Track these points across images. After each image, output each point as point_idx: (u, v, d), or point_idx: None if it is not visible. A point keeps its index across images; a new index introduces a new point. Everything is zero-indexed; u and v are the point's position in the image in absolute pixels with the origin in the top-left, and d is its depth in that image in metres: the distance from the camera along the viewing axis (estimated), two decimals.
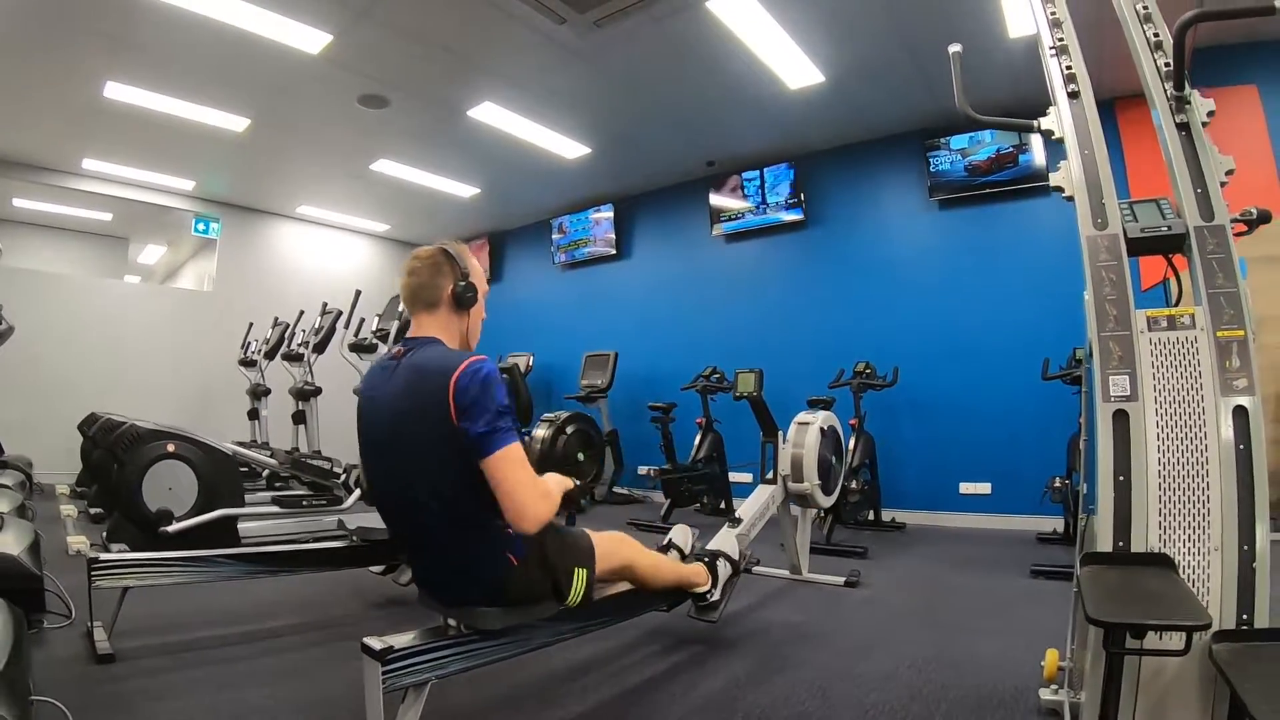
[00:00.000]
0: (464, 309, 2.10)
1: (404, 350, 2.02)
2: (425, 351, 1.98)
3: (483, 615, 2.01)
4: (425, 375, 1.90)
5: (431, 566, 2.09)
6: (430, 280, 2.05)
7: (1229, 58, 4.95)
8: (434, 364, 1.91)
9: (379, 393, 2.03)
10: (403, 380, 1.94)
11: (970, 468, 6.16)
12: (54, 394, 7.44)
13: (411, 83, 5.78)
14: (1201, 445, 1.61)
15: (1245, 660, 1.36)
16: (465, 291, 2.07)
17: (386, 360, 2.08)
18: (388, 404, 1.97)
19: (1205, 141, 1.86)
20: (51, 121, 6.48)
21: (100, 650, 2.71)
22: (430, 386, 1.86)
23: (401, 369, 1.97)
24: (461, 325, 2.11)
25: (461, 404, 1.82)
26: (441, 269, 2.06)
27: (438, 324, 2.06)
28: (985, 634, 3.20)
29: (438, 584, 2.08)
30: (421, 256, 2.09)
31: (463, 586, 2.01)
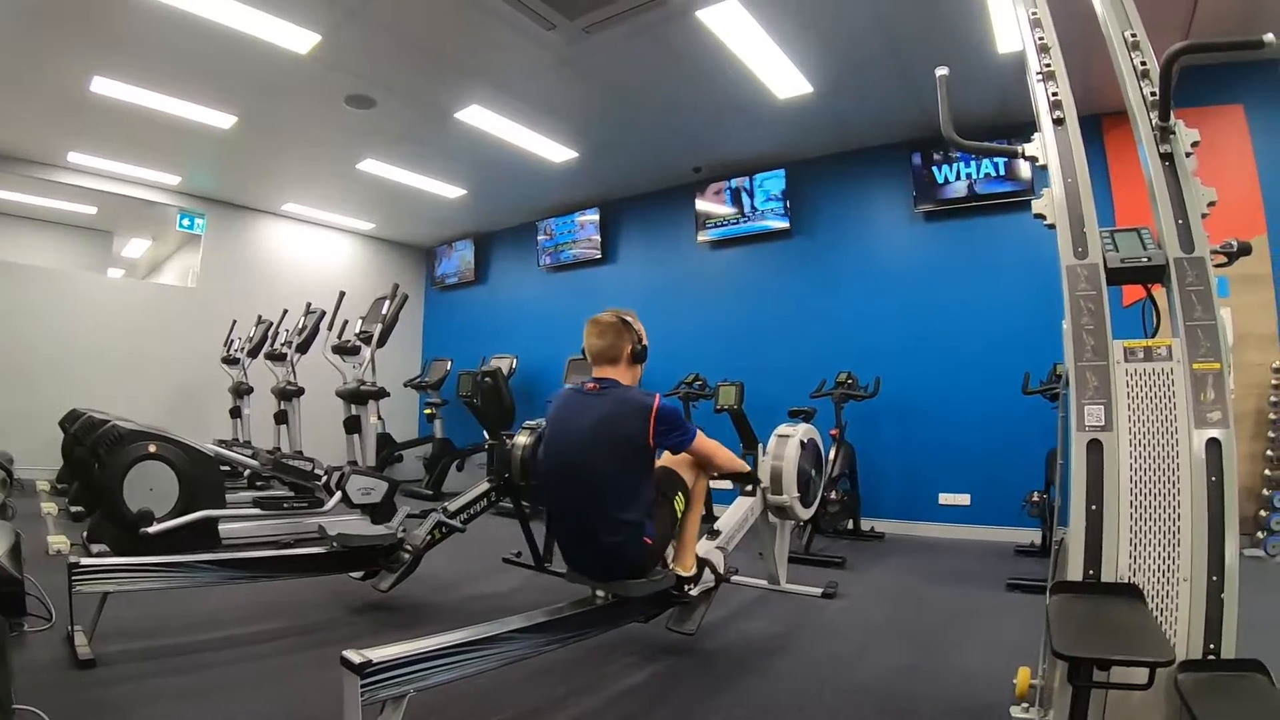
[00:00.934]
0: (638, 363, 2.84)
1: (599, 386, 2.71)
2: (622, 389, 2.71)
3: (630, 586, 2.67)
4: (630, 404, 2.64)
5: (593, 549, 2.66)
6: (615, 343, 2.76)
7: (1215, 77, 5.00)
8: (636, 397, 2.67)
9: (579, 412, 2.68)
10: (607, 405, 2.65)
11: (950, 478, 6.20)
12: (35, 388, 7.37)
13: (399, 84, 5.76)
14: (1174, 476, 1.63)
15: (1209, 692, 1.39)
16: (642, 353, 2.84)
17: (579, 390, 2.76)
18: (589, 421, 2.63)
19: (1188, 172, 1.88)
20: (37, 114, 6.41)
21: (81, 655, 2.70)
22: (633, 410, 2.62)
23: (605, 399, 2.67)
24: (634, 374, 2.84)
25: (660, 428, 2.61)
26: (623, 335, 2.77)
27: (619, 372, 2.77)
28: (960, 648, 3.24)
29: (592, 565, 2.71)
30: (604, 323, 2.79)
31: (616, 564, 2.65)
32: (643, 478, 2.67)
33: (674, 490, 2.90)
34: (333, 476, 5.11)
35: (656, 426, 2.59)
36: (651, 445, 2.61)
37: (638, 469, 2.65)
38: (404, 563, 3.63)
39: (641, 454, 2.63)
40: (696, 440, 2.77)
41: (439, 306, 11.14)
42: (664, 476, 2.88)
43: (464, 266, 10.53)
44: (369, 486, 4.94)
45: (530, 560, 3.73)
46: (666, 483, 2.88)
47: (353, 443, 5.30)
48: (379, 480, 5.03)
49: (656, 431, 2.59)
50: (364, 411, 5.25)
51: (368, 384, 5.20)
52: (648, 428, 2.58)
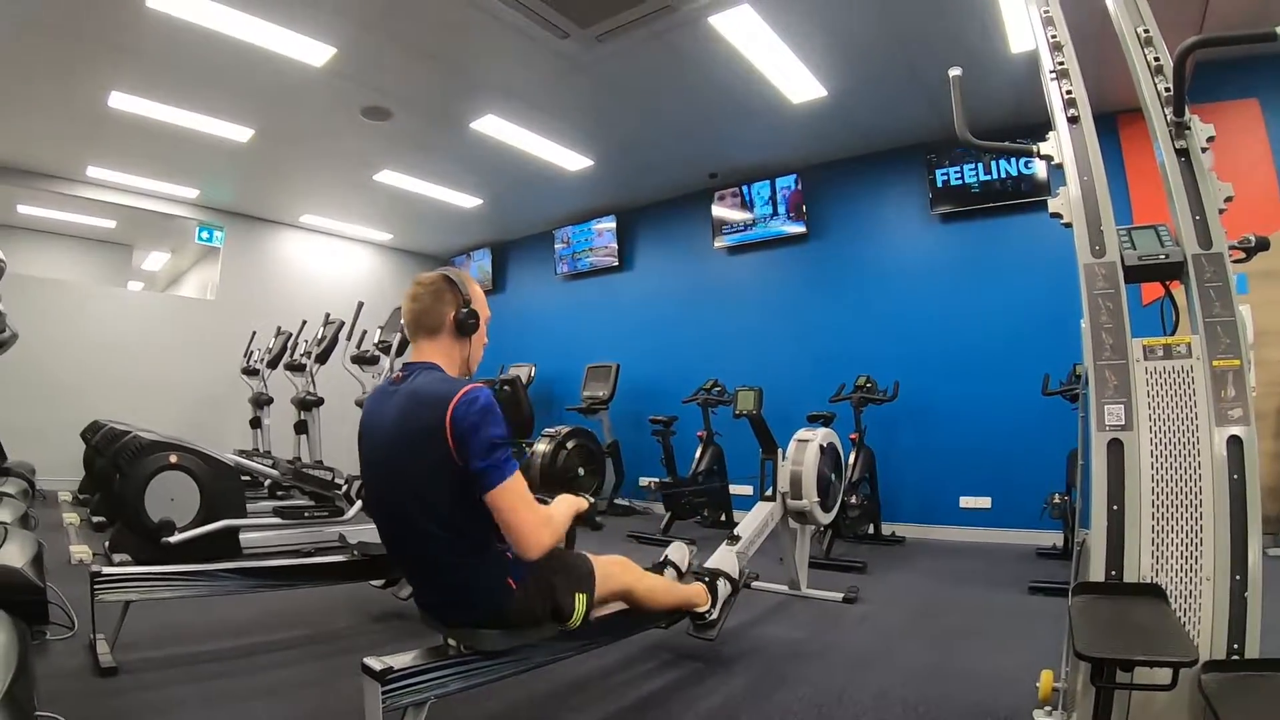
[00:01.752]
0: (465, 335, 2.11)
1: (404, 375, 2.04)
2: (424, 377, 1.99)
3: (483, 637, 2.04)
4: (423, 402, 1.91)
5: (431, 589, 2.10)
6: (432, 306, 2.07)
7: (1230, 72, 4.96)
8: (431, 391, 1.92)
9: (379, 416, 2.04)
10: (401, 406, 1.96)
11: (970, 481, 6.16)
12: (56, 400, 7.46)
13: (415, 95, 5.81)
14: (1195, 475, 1.62)
15: (1234, 692, 1.37)
16: (467, 318, 2.09)
17: (387, 384, 2.10)
18: (386, 428, 1.98)
19: (1205, 168, 1.86)
20: (57, 130, 6.51)
21: (103, 663, 2.73)
22: (427, 414, 1.88)
23: (400, 394, 1.99)
24: (463, 352, 2.12)
25: (458, 433, 1.84)
26: (444, 296, 2.08)
27: (438, 350, 2.08)
28: (982, 652, 3.21)
29: (438, 605, 2.09)
30: (424, 283, 2.11)
31: (463, 609, 2.03)
32: (471, 510, 1.90)
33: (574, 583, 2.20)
34: (353, 485, 5.14)
35: (453, 428, 1.84)
36: (454, 453, 1.85)
37: (455, 492, 1.89)
38: None
39: (449, 471, 1.87)
40: (507, 485, 1.87)
41: None
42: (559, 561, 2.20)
43: (482, 276, 10.57)
44: None
45: None
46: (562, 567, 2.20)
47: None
48: None
49: (454, 436, 1.84)
50: None
51: None
52: (444, 431, 1.85)
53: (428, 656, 1.96)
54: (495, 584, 2.00)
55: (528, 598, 2.05)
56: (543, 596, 2.09)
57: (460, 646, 2.05)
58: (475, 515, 1.90)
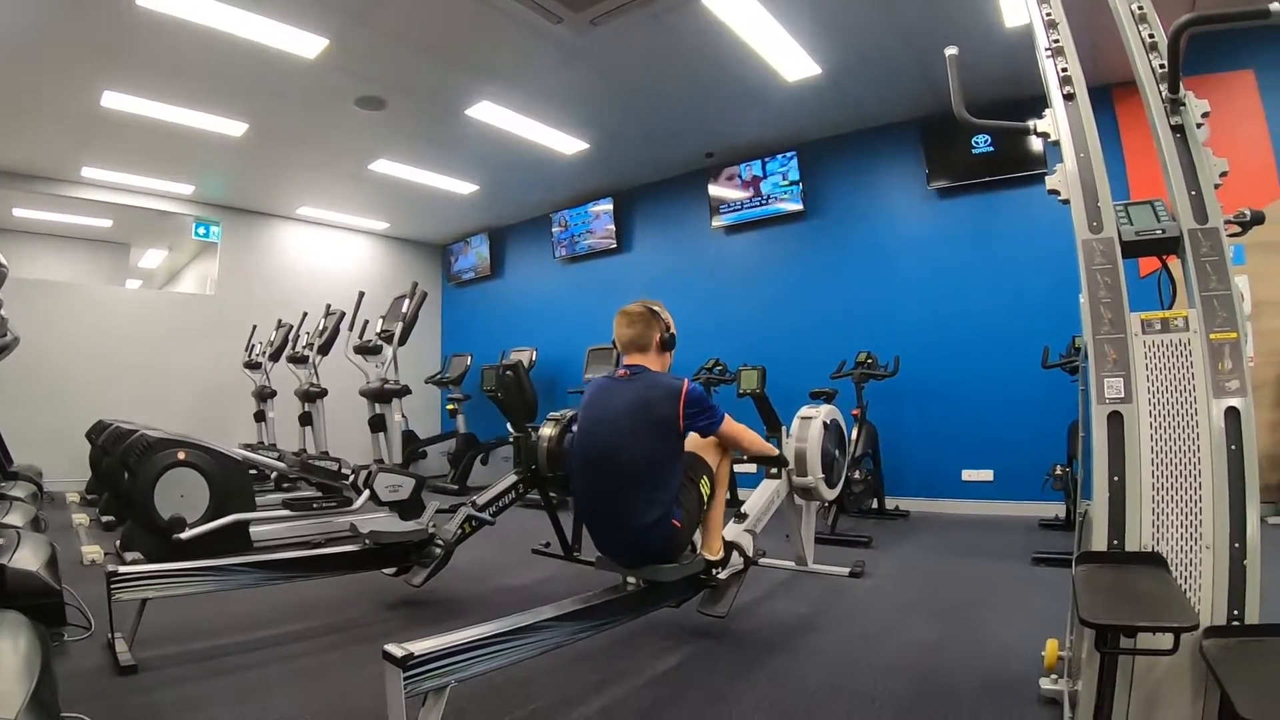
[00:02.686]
0: (667, 350, 2.94)
1: (630, 372, 2.83)
2: (651, 375, 2.82)
3: (660, 570, 2.74)
4: (659, 389, 2.74)
5: (622, 535, 2.76)
6: (644, 331, 2.87)
7: (1225, 44, 4.97)
8: (665, 382, 2.78)
9: (612, 397, 2.81)
10: (638, 390, 2.75)
11: (972, 455, 6.21)
12: (60, 402, 7.49)
13: (408, 84, 5.80)
14: (1194, 446, 1.65)
15: (1234, 656, 1.41)
16: (670, 340, 2.93)
17: (612, 378, 2.90)
18: (621, 405, 2.75)
19: (1200, 144, 1.88)
20: (50, 131, 6.51)
21: (123, 662, 2.76)
22: (664, 395, 2.72)
23: (635, 384, 2.78)
24: (664, 361, 2.94)
25: (690, 410, 2.70)
26: (652, 324, 2.88)
27: (648, 359, 2.88)
28: (988, 622, 3.26)
29: (622, 550, 2.79)
30: (633, 313, 2.89)
31: (646, 549, 2.74)
32: (672, 461, 2.76)
33: (700, 474, 2.96)
34: (360, 475, 5.17)
35: (686, 409, 2.68)
36: (681, 428, 2.70)
37: (667, 452, 2.73)
38: (436, 557, 3.67)
39: (671, 437, 2.72)
40: (724, 424, 2.84)
41: (456, 302, 11.21)
42: (690, 461, 2.94)
43: (480, 262, 10.58)
44: (396, 483, 5.00)
45: (559, 550, 3.78)
46: (692, 467, 2.95)
47: (378, 441, 5.36)
48: (406, 477, 5.09)
49: (685, 414, 2.68)
50: (388, 410, 5.31)
51: (391, 382, 5.25)
52: (677, 411, 2.68)
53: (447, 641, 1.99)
54: (667, 524, 2.70)
55: (685, 530, 2.81)
56: (691, 520, 2.87)
57: (640, 582, 2.77)
58: (674, 471, 2.76)
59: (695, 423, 2.73)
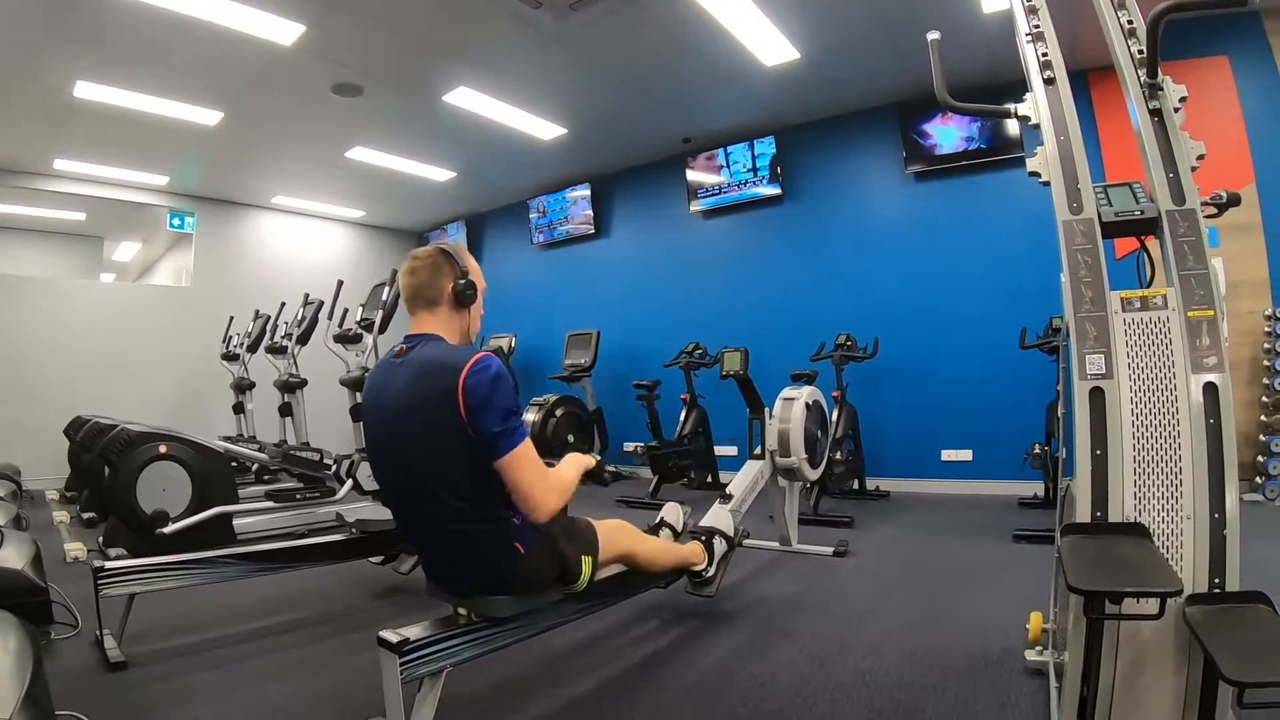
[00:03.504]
0: (464, 306, 2.15)
1: (407, 347, 2.07)
2: (430, 347, 2.03)
3: (494, 604, 2.09)
4: (433, 371, 1.94)
5: (441, 559, 2.14)
6: (430, 280, 2.11)
7: (1200, 30, 5.01)
8: (441, 360, 1.96)
9: (385, 389, 2.06)
10: (409, 376, 1.99)
11: (951, 435, 6.29)
12: (36, 398, 7.41)
13: (385, 70, 5.76)
14: (1174, 420, 1.69)
15: (1216, 622, 1.46)
16: (465, 289, 2.13)
17: (390, 358, 2.11)
18: (394, 399, 2.01)
19: (1177, 127, 1.92)
20: (21, 123, 6.40)
21: (113, 659, 2.75)
22: (439, 382, 1.91)
23: (407, 365, 2.01)
24: (463, 322, 2.16)
25: (471, 402, 1.87)
26: (441, 268, 2.12)
27: (438, 321, 2.11)
28: (971, 599, 3.32)
29: (447, 575, 2.13)
30: (420, 257, 2.15)
31: (473, 577, 2.07)
32: (477, 471, 1.95)
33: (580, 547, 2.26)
34: (342, 465, 5.16)
35: (466, 397, 1.88)
36: (465, 421, 1.89)
37: (465, 459, 1.94)
38: None
39: (460, 438, 1.91)
40: (518, 451, 1.93)
41: None
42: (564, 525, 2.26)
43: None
44: None
45: None
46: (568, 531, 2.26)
47: (359, 430, 5.34)
48: None
49: (467, 405, 1.88)
50: None
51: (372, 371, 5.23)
52: (456, 398, 1.88)
53: (441, 627, 2.01)
54: (504, 550, 2.04)
55: (535, 562, 2.10)
56: (550, 560, 2.15)
57: (471, 615, 2.10)
58: (485, 481, 1.95)
59: (480, 422, 1.88)
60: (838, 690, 2.39)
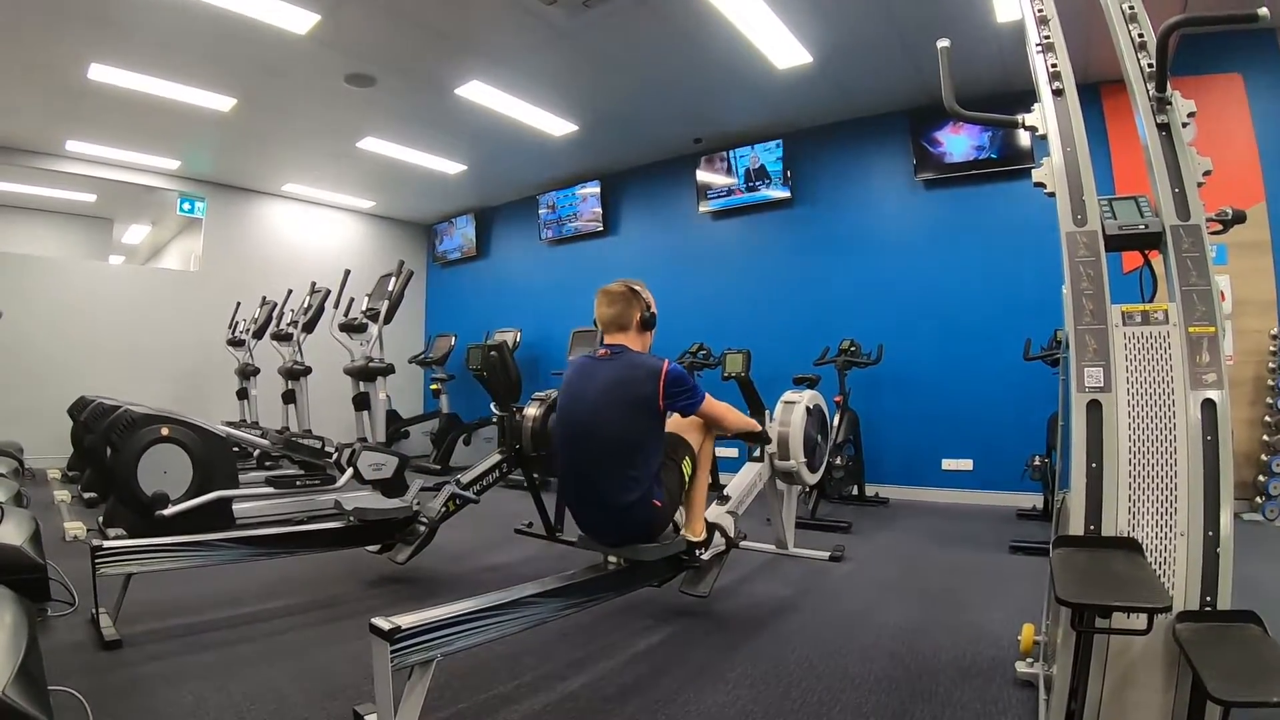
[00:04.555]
0: (647, 330, 2.93)
1: (610, 352, 2.82)
2: (632, 355, 2.81)
3: (641, 550, 2.76)
4: (639, 368, 2.74)
5: (602, 513, 2.77)
6: (625, 310, 2.86)
7: (1214, 47, 5.00)
8: (645, 361, 2.77)
9: (589, 379, 2.79)
10: (618, 369, 2.75)
11: (952, 444, 6.28)
12: (40, 378, 7.43)
13: (399, 62, 5.76)
14: (1171, 435, 1.69)
15: (1206, 640, 1.45)
16: (651, 320, 2.93)
17: (593, 357, 2.86)
18: (600, 385, 2.74)
19: (1184, 142, 1.92)
20: (35, 104, 6.42)
21: (107, 637, 2.76)
22: (644, 374, 2.71)
23: (615, 363, 2.77)
24: (645, 341, 2.93)
25: (670, 390, 2.70)
26: (632, 303, 2.87)
27: (628, 338, 2.87)
28: (964, 608, 3.31)
29: (604, 529, 2.81)
30: (614, 292, 2.88)
31: (626, 528, 2.75)
32: (653, 440, 2.75)
33: (681, 454, 2.98)
34: (343, 453, 5.17)
35: (666, 389, 2.68)
36: (661, 407, 2.70)
37: (648, 432, 2.73)
38: (420, 535, 3.70)
39: (651, 416, 2.71)
40: (705, 402, 2.84)
41: (441, 283, 11.18)
42: (671, 441, 2.95)
43: (465, 242, 10.54)
44: (380, 462, 5.00)
45: (541, 531, 3.80)
46: (674, 447, 2.96)
47: (362, 419, 5.35)
48: (389, 456, 5.09)
49: (666, 394, 2.68)
50: (372, 388, 5.30)
51: (376, 360, 5.24)
52: (657, 390, 2.67)
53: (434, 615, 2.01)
54: (648, 504, 2.71)
55: (666, 510, 2.80)
56: (672, 501, 2.86)
57: (620, 561, 2.82)
58: (654, 450, 2.75)
59: (676, 402, 2.73)
60: (826, 693, 2.39)
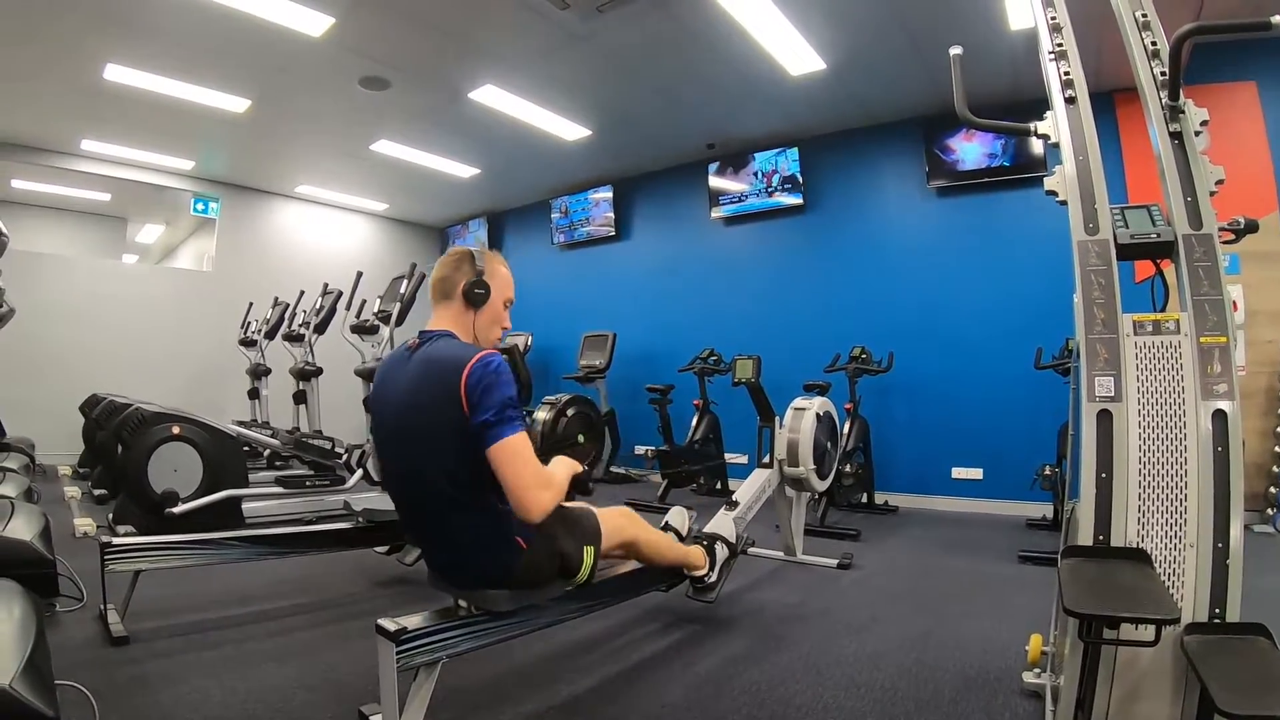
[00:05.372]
0: (473, 306, 2.19)
1: (419, 342, 2.14)
2: (439, 344, 2.08)
3: (493, 598, 2.11)
4: (438, 365, 2.00)
5: (442, 550, 2.16)
6: (450, 274, 2.20)
7: (1228, 55, 4.99)
8: (447, 355, 2.01)
9: (394, 381, 2.12)
10: (417, 370, 2.05)
11: (962, 453, 6.25)
12: (54, 375, 7.48)
13: (413, 65, 5.78)
14: (1181, 446, 1.68)
15: (1214, 653, 1.44)
16: (474, 288, 2.18)
17: (401, 350, 2.18)
18: (401, 391, 2.07)
19: (1197, 151, 1.91)
20: (51, 103, 6.48)
21: (115, 633, 2.78)
22: (443, 377, 1.96)
23: (416, 359, 2.08)
24: (474, 322, 2.20)
25: (472, 396, 1.91)
26: (461, 265, 2.20)
27: (451, 316, 2.19)
28: (972, 617, 3.29)
29: (448, 567, 2.16)
30: (450, 253, 2.26)
31: (473, 569, 2.10)
32: (479, 464, 1.94)
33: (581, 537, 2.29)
34: (353, 454, 5.19)
35: (468, 391, 1.92)
36: (467, 415, 1.92)
37: (467, 452, 1.95)
38: None
39: (462, 431, 1.93)
40: (509, 441, 1.92)
41: None
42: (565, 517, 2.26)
43: (477, 246, 10.52)
44: None
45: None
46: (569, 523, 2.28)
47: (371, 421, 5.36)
48: None
49: (468, 398, 1.92)
50: None
51: None
52: (459, 393, 1.93)
53: (439, 618, 2.02)
54: (504, 543, 2.06)
55: (536, 555, 2.12)
56: (550, 553, 2.17)
57: (471, 608, 2.12)
58: (487, 476, 1.95)
59: (476, 411, 1.91)
60: (832, 700, 2.38)
